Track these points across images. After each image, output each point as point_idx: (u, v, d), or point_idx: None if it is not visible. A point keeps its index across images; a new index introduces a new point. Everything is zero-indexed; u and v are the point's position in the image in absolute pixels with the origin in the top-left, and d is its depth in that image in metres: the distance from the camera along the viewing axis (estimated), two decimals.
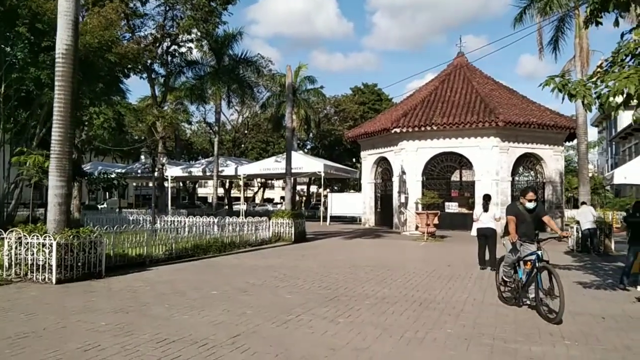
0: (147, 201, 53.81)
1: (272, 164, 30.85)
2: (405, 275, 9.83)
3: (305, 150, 48.61)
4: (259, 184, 70.78)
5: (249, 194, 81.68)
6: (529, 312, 6.63)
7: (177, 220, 17.86)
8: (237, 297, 7.36)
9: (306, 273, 9.91)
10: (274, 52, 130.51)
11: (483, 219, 10.68)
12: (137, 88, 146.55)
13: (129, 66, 21.29)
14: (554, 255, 14.10)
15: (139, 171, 34.95)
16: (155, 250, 11.70)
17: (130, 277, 9.27)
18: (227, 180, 45.27)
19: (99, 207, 39.22)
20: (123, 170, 36.36)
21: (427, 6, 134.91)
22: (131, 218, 18.92)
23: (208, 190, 70.18)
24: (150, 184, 44.32)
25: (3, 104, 15.78)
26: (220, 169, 31.93)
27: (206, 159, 34.40)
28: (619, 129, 58.45)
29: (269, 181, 64.45)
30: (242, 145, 50.51)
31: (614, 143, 59.92)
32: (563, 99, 6.84)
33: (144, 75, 29.10)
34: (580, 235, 15.13)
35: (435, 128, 23.56)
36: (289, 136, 19.10)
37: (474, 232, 10.94)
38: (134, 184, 54.86)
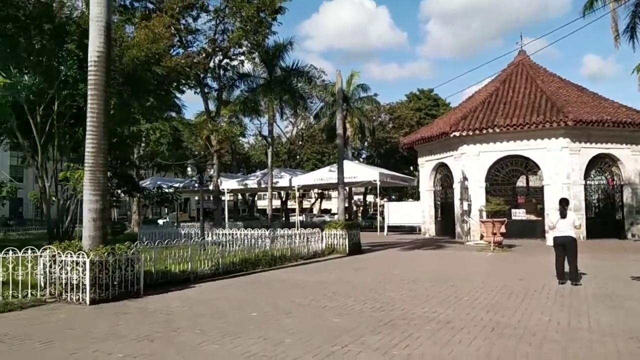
0: (208, 214, 54.71)
1: (326, 174, 30.10)
2: (472, 291, 8.68)
3: (361, 160, 47.68)
4: (316, 195, 70.44)
5: (306, 205, 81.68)
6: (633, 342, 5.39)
7: (229, 233, 17.39)
8: (279, 320, 6.54)
9: (358, 290, 8.96)
10: (327, 65, 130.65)
11: (560, 227, 9.34)
12: (193, 104, 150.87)
13: (179, 80, 21.24)
14: (632, 263, 12.47)
15: (196, 185, 35.22)
16: (200, 266, 11.16)
17: (170, 295, 8.69)
18: (284, 192, 45.10)
19: (160, 221, 40.00)
20: (180, 185, 36.88)
21: (480, 10, 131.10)
22: (183, 232, 18.65)
23: (266, 203, 70.57)
24: (211, 197, 45.40)
25: (57, 121, 15.95)
26: (275, 180, 31.61)
27: (261, 171, 34.19)
28: None
29: (326, 192, 63.91)
30: (298, 157, 50.25)
31: None
32: None
33: (198, 90, 29.32)
34: None
35: (497, 130, 22.02)
36: (340, 143, 18.29)
37: (549, 242, 9.61)
38: (196, 198, 55.74)
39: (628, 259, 13.95)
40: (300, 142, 48.61)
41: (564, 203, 9.53)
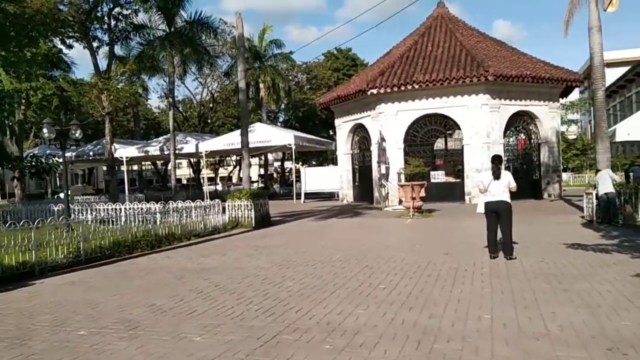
0: (119, 186, 50.05)
1: (237, 138, 27.30)
2: (390, 275, 6.93)
3: (278, 124, 45.26)
4: (235, 162, 67.31)
5: (224, 173, 78.37)
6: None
7: (112, 209, 14.70)
8: (111, 345, 4.36)
9: (248, 281, 6.93)
10: (246, 27, 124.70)
11: (493, 190, 7.76)
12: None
13: (50, 26, 17.71)
14: (571, 230, 11.48)
15: (91, 153, 31.40)
16: (52, 254, 8.62)
17: None
18: (194, 160, 41.85)
19: (62, 195, 35.62)
20: (73, 154, 32.75)
21: None
22: (57, 208, 15.67)
23: (184, 172, 66.60)
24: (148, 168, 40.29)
25: None
26: (179, 146, 28.68)
27: (164, 137, 30.94)
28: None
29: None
30: (210, 121, 46.89)
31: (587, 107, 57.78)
32: None
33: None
34: (598, 203, 12.36)
35: (416, 87, 20.56)
36: (242, 99, 15.88)
37: (480, 209, 8.03)
38: (104, 168, 50.79)
39: (551, 222, 13.03)
40: (212, 105, 45.18)
41: (496, 161, 7.91)
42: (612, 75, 55.58)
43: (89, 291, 6.74)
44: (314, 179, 27.32)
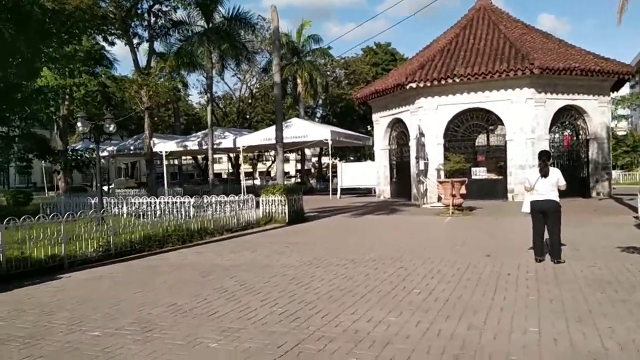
0: (159, 180, 51.05)
1: (274, 133, 27.33)
2: (426, 278, 6.47)
3: (316, 119, 45.01)
4: (274, 157, 67.54)
5: (262, 168, 78.92)
6: None
7: (147, 202, 14.73)
8: (122, 350, 4.12)
9: (276, 280, 6.62)
10: (285, 24, 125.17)
11: (540, 188, 7.16)
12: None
13: (91, 22, 17.93)
14: (625, 231, 10.35)
15: (132, 148, 31.97)
16: (81, 248, 8.56)
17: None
18: (234, 154, 42.09)
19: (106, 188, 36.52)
20: (114, 148, 33.47)
21: None
22: (94, 202, 15.82)
23: (223, 166, 67.38)
24: (185, 162, 41.04)
25: None
26: (217, 141, 28.80)
27: (202, 132, 31.14)
28: None
29: (284, 154, 61.19)
30: (248, 117, 47.06)
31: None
32: None
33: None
34: None
35: (457, 80, 19.80)
36: (277, 94, 15.61)
37: (526, 208, 7.44)
38: (164, 162, 51.85)
39: (600, 222, 12.19)
40: (250, 101, 45.33)
41: (544, 157, 7.30)
42: None
43: (114, 287, 6.58)
44: (350, 174, 26.86)
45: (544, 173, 7.09)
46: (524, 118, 19.61)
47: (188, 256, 9.01)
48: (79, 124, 10.93)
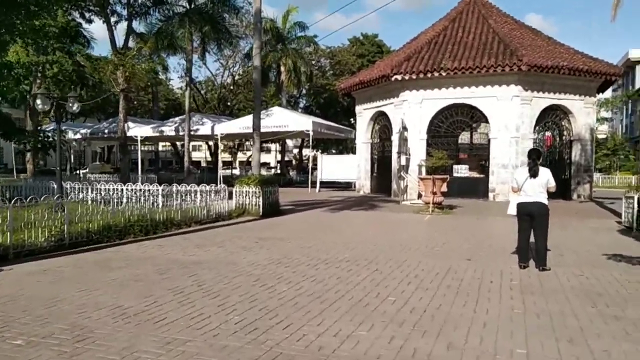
0: (135, 165, 49.82)
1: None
2: (403, 283, 5.94)
3: (299, 109, 44.27)
4: None
5: (242, 157, 77.90)
6: None
7: (114, 189, 13.99)
8: None
9: (239, 281, 6.02)
10: (273, 13, 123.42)
11: (528, 189, 6.66)
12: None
13: None
14: (609, 237, 9.93)
15: (106, 131, 30.92)
16: (33, 236, 7.84)
17: None
18: (213, 142, 41.19)
19: (74, 172, 35.47)
20: (89, 131, 32.39)
21: None
22: (65, 186, 14.95)
23: (203, 155, 66.27)
24: (158, 147, 39.35)
25: None
26: (195, 127, 27.96)
27: (180, 117, 30.22)
28: (636, 86, 53.83)
29: (264, 144, 60.12)
30: (229, 104, 46.10)
31: (630, 101, 55.31)
32: None
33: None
34: (637, 208, 11.06)
35: (444, 74, 19.34)
36: (256, 79, 14.88)
37: (512, 210, 6.96)
38: (138, 147, 50.43)
39: (583, 226, 11.84)
40: (232, 88, 44.37)
41: (534, 155, 6.80)
42: None
43: (57, 283, 5.91)
44: (330, 167, 26.30)
45: (533, 173, 6.59)
46: (509, 116, 19.25)
47: (148, 249, 8.35)
48: (38, 101, 10.14)
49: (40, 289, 5.63)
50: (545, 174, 6.65)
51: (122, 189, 13.85)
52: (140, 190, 13.54)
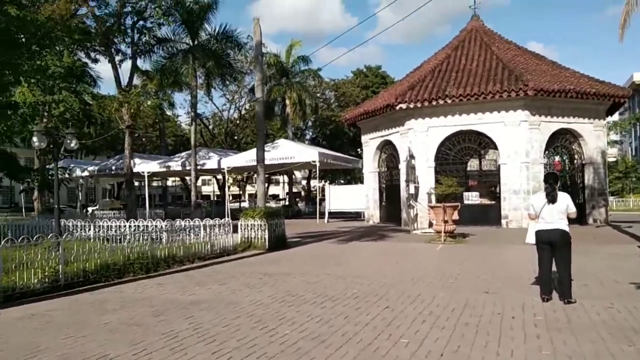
0: (144, 200, 49.66)
1: None
2: (416, 320, 5.48)
3: (306, 141, 44.24)
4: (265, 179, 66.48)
5: (251, 190, 77.80)
6: None
7: (117, 226, 13.67)
8: None
9: (238, 323, 5.58)
10: (276, 48, 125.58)
11: (546, 216, 6.23)
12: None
13: (68, 34, 17.07)
14: (634, 264, 9.21)
15: (113, 168, 30.86)
16: (24, 278, 7.47)
17: None
18: (221, 176, 41.10)
19: (84, 210, 35.38)
20: (96, 168, 32.38)
21: None
22: (67, 224, 14.66)
23: (213, 189, 66.17)
24: (162, 183, 39.78)
25: None
26: (201, 162, 27.82)
27: (186, 152, 30.13)
28: None
29: (273, 177, 60.02)
30: (236, 138, 46.19)
31: (638, 124, 54.87)
32: None
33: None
34: None
35: (449, 102, 19.11)
36: (259, 111, 14.69)
37: (530, 239, 6.51)
38: (136, 183, 50.39)
39: (604, 252, 11.28)
40: (238, 122, 44.53)
41: (551, 180, 6.38)
42: None
43: (42, 329, 5.50)
44: (338, 197, 25.96)
45: (552, 198, 6.16)
46: (518, 141, 18.89)
47: (147, 289, 7.93)
48: (34, 139, 9.94)
49: (23, 336, 5.23)
50: (564, 199, 6.22)
51: (125, 226, 13.52)
52: (144, 226, 13.20)
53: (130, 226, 13.39)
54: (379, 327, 5.22)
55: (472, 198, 19.97)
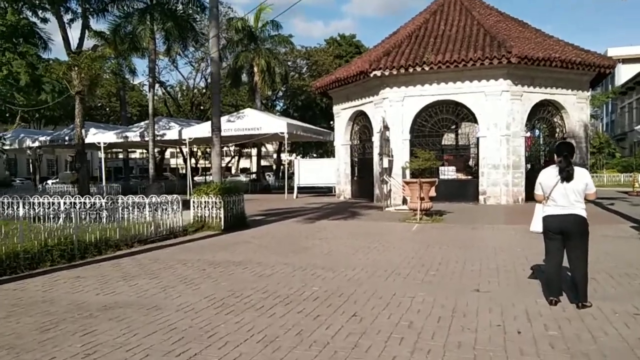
0: (114, 174, 47.19)
1: (224, 125, 24.58)
2: (391, 337, 4.10)
3: (277, 113, 42.35)
4: (234, 152, 64.27)
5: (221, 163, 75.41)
6: None
7: (51, 202, 11.93)
8: None
9: (153, 340, 4.13)
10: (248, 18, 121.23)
11: (559, 198, 4.85)
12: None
13: None
14: (634, 250, 8.10)
15: (67, 138, 28.61)
16: None
17: None
18: (188, 148, 39.04)
19: (43, 183, 33.20)
20: (48, 138, 30.03)
21: None
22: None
23: (181, 161, 63.77)
24: (129, 155, 36.55)
25: None
26: (161, 132, 25.91)
27: (145, 122, 28.05)
28: (616, 84, 53.26)
29: (244, 149, 57.90)
30: (202, 108, 43.96)
31: (611, 99, 54.74)
32: None
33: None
34: None
35: (427, 69, 17.68)
36: (214, 72, 12.90)
37: (536, 226, 5.13)
38: (100, 155, 47.50)
39: (595, 235, 9.96)
40: (205, 91, 42.24)
41: (566, 151, 4.92)
42: (627, 72, 52.67)
43: None
44: (308, 172, 24.49)
45: (567, 175, 4.78)
46: (498, 112, 17.68)
47: (59, 285, 6.37)
48: None
49: None
50: (582, 176, 4.84)
51: (58, 203, 11.80)
52: (81, 203, 11.52)
53: (65, 203, 11.69)
54: (340, 351, 3.81)
55: (448, 173, 18.82)
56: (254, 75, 31.74)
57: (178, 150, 60.43)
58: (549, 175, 4.93)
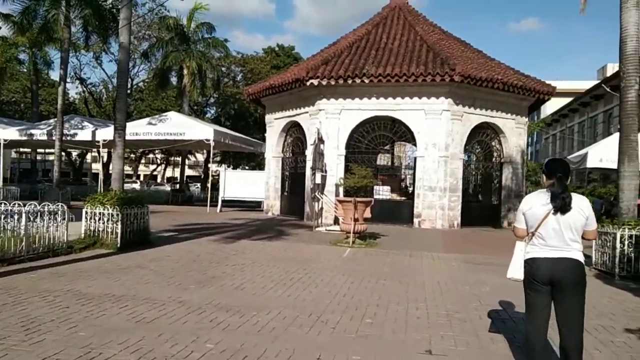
0: (22, 176, 42.68)
1: (143, 128, 22.43)
2: None
3: (208, 121, 40.10)
4: (161, 160, 60.76)
5: (146, 171, 71.50)
6: None
7: None
8: None
9: None
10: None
11: (549, 235, 3.47)
12: None
13: None
14: (594, 293, 6.64)
15: None
16: None
17: None
18: (103, 150, 35.83)
19: None
20: None
21: None
22: None
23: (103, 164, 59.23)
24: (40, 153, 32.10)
25: None
26: (72, 131, 23.20)
27: (55, 119, 25.13)
28: (541, 116, 55.63)
29: (171, 158, 54.68)
30: (128, 110, 40.86)
31: (540, 129, 57.11)
32: None
33: None
34: (619, 247, 8.48)
35: (367, 81, 16.61)
36: (122, 60, 10.87)
37: (515, 272, 3.67)
38: (13, 154, 42.49)
39: None
40: (130, 92, 39.27)
41: (559, 171, 3.53)
42: (552, 105, 55.25)
43: None
44: (235, 184, 22.71)
45: (562, 204, 3.43)
46: (438, 132, 16.87)
47: None
48: None
49: None
50: (582, 207, 3.45)
51: None
52: None
53: None
54: None
55: (383, 193, 17.74)
56: (183, 78, 29.58)
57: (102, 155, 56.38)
58: (536, 204, 3.54)
